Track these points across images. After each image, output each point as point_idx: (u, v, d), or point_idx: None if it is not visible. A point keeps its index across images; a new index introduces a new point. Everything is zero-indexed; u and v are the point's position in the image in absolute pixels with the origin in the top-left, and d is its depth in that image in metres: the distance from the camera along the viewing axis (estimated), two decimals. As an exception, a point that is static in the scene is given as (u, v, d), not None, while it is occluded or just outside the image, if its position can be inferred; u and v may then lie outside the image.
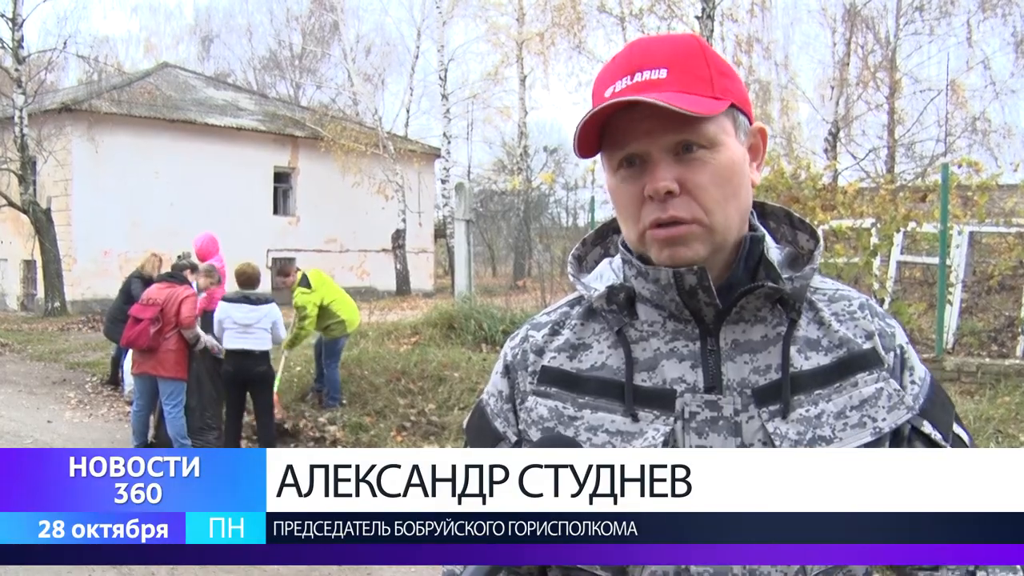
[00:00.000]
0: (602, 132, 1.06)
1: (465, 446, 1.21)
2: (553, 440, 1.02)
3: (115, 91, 19.36)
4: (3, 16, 17.69)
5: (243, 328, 6.87)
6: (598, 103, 1.04)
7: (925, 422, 1.08)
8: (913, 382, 1.10)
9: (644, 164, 1.04)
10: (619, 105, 1.01)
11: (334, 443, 7.66)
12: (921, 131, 20.23)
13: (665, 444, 1.04)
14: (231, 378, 7.02)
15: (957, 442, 1.11)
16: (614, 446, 1.05)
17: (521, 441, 1.12)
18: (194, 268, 7.71)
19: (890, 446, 1.07)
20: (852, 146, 20.58)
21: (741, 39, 19.90)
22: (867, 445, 1.04)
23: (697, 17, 16.01)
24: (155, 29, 53.85)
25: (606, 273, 1.16)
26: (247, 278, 7.20)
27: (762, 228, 1.13)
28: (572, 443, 1.00)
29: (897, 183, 11.22)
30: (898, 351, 1.11)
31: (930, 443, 1.08)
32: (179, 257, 8.26)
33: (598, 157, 1.09)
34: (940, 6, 19.38)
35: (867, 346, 1.09)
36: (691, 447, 1.04)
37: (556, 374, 1.12)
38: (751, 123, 1.10)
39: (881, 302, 8.09)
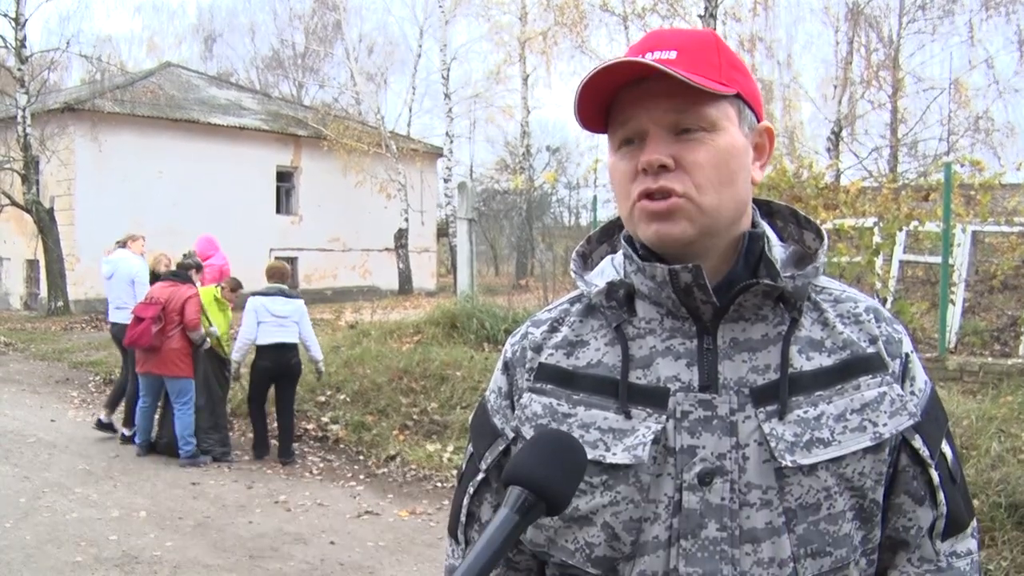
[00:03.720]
0: (609, 110, 1.07)
1: (469, 442, 1.23)
2: (548, 435, 1.01)
3: (118, 90, 19.37)
4: (6, 16, 17.72)
5: (279, 320, 7.01)
6: (611, 61, 1.04)
7: (917, 436, 1.08)
8: (913, 392, 1.10)
9: (642, 141, 1.04)
10: (624, 80, 1.02)
11: (336, 442, 7.68)
12: (924, 130, 20.20)
13: (655, 442, 1.03)
14: (266, 373, 7.14)
15: (942, 460, 1.10)
16: (606, 443, 1.05)
17: (517, 438, 1.12)
18: (199, 268, 7.69)
19: (888, 454, 1.06)
20: (855, 145, 20.56)
21: (744, 38, 19.87)
22: (867, 450, 1.04)
23: (700, 16, 15.99)
24: (158, 28, 54.15)
25: (607, 270, 1.16)
26: (278, 272, 7.37)
27: (764, 225, 1.13)
28: (567, 438, 0.99)
29: (900, 182, 11.22)
30: (903, 358, 1.10)
31: (917, 458, 1.08)
32: (185, 256, 8.25)
33: (601, 157, 1.09)
34: (943, 5, 19.34)
35: (871, 350, 1.07)
36: (683, 446, 1.03)
37: (552, 371, 1.12)
38: (759, 120, 1.10)
39: (884, 301, 8.08)
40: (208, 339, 7.24)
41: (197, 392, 7.19)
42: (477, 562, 0.85)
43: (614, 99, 1.05)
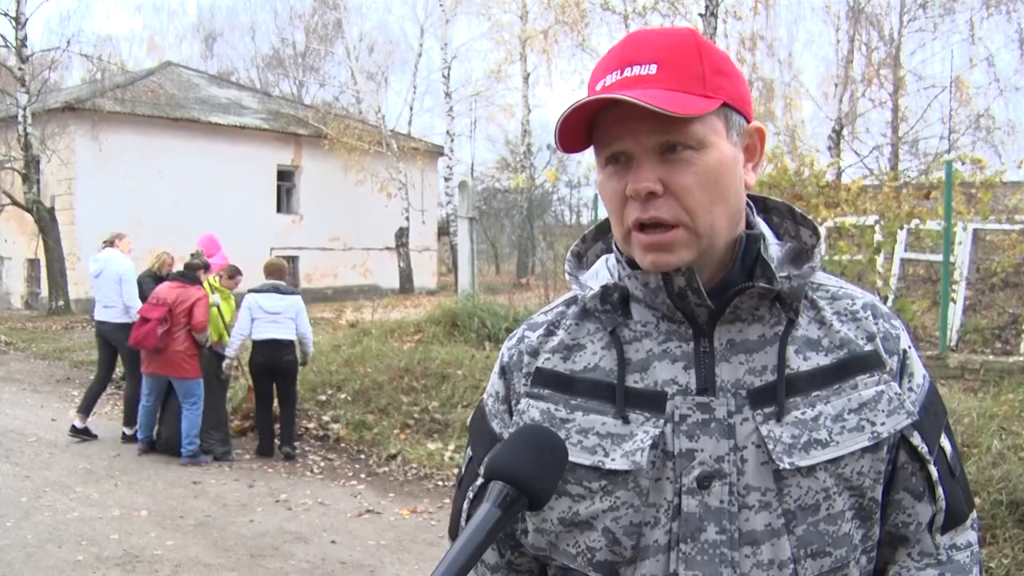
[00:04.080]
0: (592, 127, 1.04)
1: (468, 446, 1.22)
2: (528, 430, 1.00)
3: (118, 90, 19.36)
4: (6, 15, 17.70)
5: (272, 317, 7.10)
6: (590, 96, 1.01)
7: (916, 433, 1.07)
8: (911, 389, 1.09)
9: (629, 162, 1.01)
10: (602, 102, 0.99)
11: (337, 441, 7.68)
12: (925, 128, 20.19)
13: (654, 447, 1.03)
14: (261, 368, 7.24)
15: (940, 455, 1.10)
16: (604, 448, 1.04)
17: None
18: (207, 267, 7.64)
19: (886, 452, 1.05)
20: (856, 143, 20.56)
21: (745, 36, 19.85)
22: (865, 450, 1.03)
23: (700, 14, 15.95)
24: (158, 28, 54.11)
25: (601, 271, 1.15)
26: (276, 269, 7.46)
27: (762, 225, 1.11)
28: (547, 432, 0.98)
29: (901, 180, 11.21)
30: (901, 355, 1.09)
31: (915, 455, 1.08)
32: (192, 256, 8.20)
33: None
34: (944, 3, 19.34)
35: (868, 348, 1.07)
36: (681, 450, 1.03)
37: (549, 376, 1.11)
38: (749, 122, 1.07)
39: (884, 299, 8.08)
40: (208, 336, 7.23)
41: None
42: (460, 557, 0.84)
43: (594, 116, 1.02)
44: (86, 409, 7.88)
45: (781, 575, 1.01)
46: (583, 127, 1.03)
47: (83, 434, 7.75)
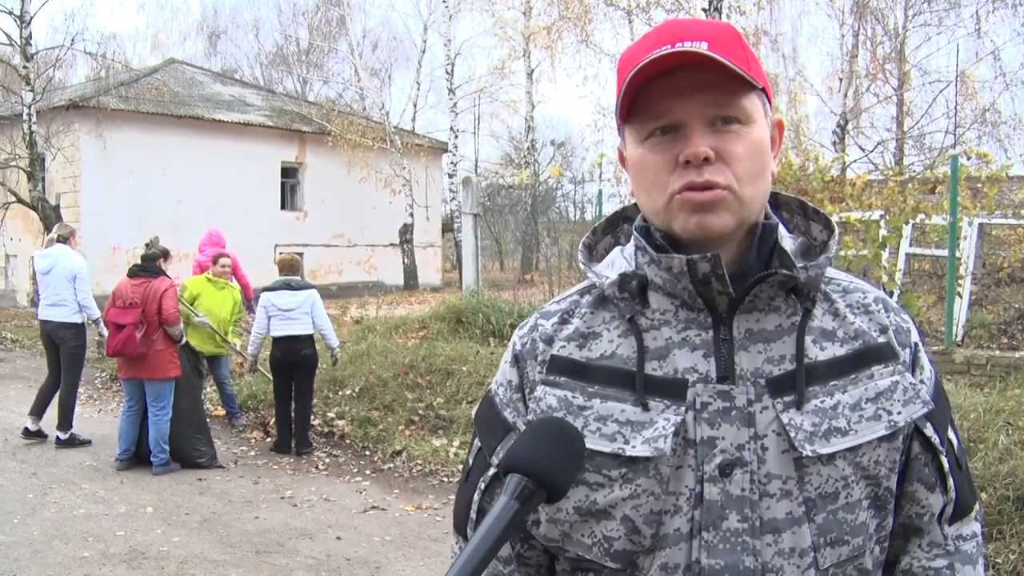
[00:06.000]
0: (631, 102, 1.05)
1: (474, 437, 1.20)
2: (545, 422, 0.98)
3: (123, 88, 19.38)
4: (11, 13, 17.71)
5: (286, 314, 7.13)
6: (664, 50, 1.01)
7: (928, 424, 1.09)
8: (922, 381, 1.11)
9: (678, 132, 1.03)
10: (656, 69, 1.00)
11: (342, 437, 7.68)
12: (930, 123, 20.07)
13: (676, 434, 1.03)
14: (279, 363, 7.26)
15: (949, 446, 1.12)
16: (624, 436, 1.04)
17: None
18: (166, 255, 7.21)
19: (901, 442, 1.07)
20: (860, 138, 20.46)
21: (748, 31, 19.77)
22: (882, 439, 1.04)
23: (704, 10, 15.92)
24: (162, 25, 54.32)
25: (617, 261, 1.15)
26: (288, 265, 7.47)
27: (775, 217, 1.13)
28: (565, 424, 0.97)
29: (906, 175, 11.17)
30: (912, 348, 1.11)
31: (928, 446, 1.09)
32: (147, 245, 7.62)
33: (606, 152, 1.08)
34: (949, -3, 19.23)
35: (881, 340, 1.08)
36: (703, 437, 1.03)
37: (565, 363, 1.11)
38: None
39: (890, 295, 8.06)
40: (184, 334, 7.00)
41: (178, 394, 6.82)
42: (479, 550, 0.84)
43: (638, 91, 1.03)
44: (38, 412, 7.59)
45: (802, 563, 1.02)
46: (628, 98, 1.05)
47: (35, 436, 7.53)
